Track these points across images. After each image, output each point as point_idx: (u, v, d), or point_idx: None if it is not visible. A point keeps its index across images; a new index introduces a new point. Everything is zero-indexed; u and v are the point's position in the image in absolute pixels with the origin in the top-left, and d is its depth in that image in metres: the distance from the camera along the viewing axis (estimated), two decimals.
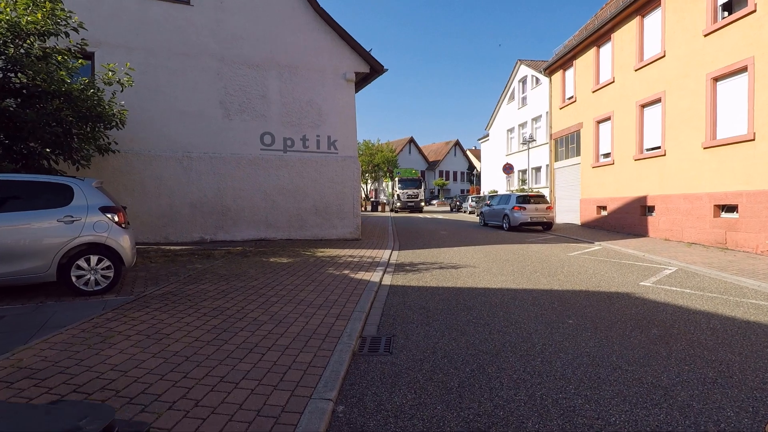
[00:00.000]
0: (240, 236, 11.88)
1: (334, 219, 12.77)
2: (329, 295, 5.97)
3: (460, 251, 10.98)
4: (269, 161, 12.13)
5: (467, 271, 8.18)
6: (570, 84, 19.05)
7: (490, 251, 10.94)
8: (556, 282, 7.14)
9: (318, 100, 12.60)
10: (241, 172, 11.89)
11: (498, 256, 10.00)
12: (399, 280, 7.39)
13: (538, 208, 16.88)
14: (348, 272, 7.65)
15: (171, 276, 6.97)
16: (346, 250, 10.52)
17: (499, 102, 36.48)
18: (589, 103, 17.31)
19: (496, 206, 18.69)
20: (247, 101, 11.97)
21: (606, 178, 16.16)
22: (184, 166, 11.41)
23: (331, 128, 12.73)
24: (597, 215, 16.81)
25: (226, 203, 11.77)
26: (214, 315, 4.85)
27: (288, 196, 12.31)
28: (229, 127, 11.82)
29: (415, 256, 10.13)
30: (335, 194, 12.75)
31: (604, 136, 16.49)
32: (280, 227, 12.28)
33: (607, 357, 3.87)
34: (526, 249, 11.40)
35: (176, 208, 11.34)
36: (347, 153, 12.87)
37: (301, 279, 6.96)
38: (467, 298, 6.08)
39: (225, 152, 11.77)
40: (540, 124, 29.77)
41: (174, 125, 11.33)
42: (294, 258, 9.10)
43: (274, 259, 8.86)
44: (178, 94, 11.36)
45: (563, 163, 19.85)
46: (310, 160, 12.50)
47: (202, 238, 11.55)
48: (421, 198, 36.66)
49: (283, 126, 12.29)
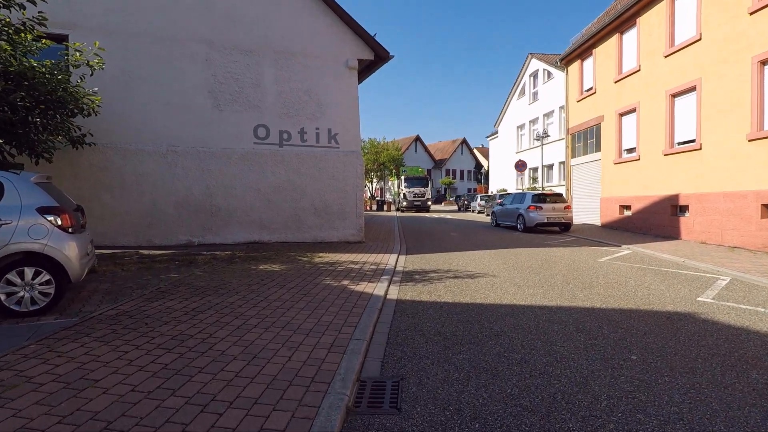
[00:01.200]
0: (231, 239, 10.81)
1: (334, 220, 11.66)
2: (323, 314, 4.86)
3: (475, 256, 9.83)
4: (263, 156, 11.04)
5: (487, 281, 7.03)
6: (589, 75, 17.79)
7: (508, 256, 9.78)
8: (596, 297, 5.97)
9: (317, 90, 11.49)
10: (233, 168, 10.81)
11: (518, 262, 8.84)
12: (407, 293, 6.26)
13: (555, 208, 15.69)
14: (348, 283, 6.54)
15: (137, 289, 5.89)
16: (348, 255, 9.41)
17: (509, 98, 35.22)
18: (610, 94, 16.05)
19: (510, 206, 17.50)
20: (239, 90, 10.89)
21: (630, 175, 14.91)
22: (169, 162, 10.35)
23: (332, 120, 11.62)
24: (620, 215, 15.56)
25: (216, 202, 10.70)
26: (170, 347, 3.75)
27: (284, 194, 11.22)
28: (219, 119, 10.74)
29: (425, 262, 9.00)
30: (336, 192, 11.64)
31: (628, 129, 15.23)
32: (276, 229, 11.19)
33: (709, 423, 2.72)
34: (548, 253, 10.22)
35: (160, 208, 10.28)
36: (349, 147, 11.75)
37: (292, 292, 5.86)
38: (492, 319, 4.94)
39: (214, 146, 10.69)
40: (552, 119, 28.51)
41: (157, 116, 10.27)
42: (287, 265, 8.00)
43: (265, 267, 7.77)
44: (162, 82, 10.30)
45: (581, 159, 18.60)
46: (309, 155, 11.40)
47: (189, 241, 10.48)
48: (428, 197, 35.48)
49: (278, 118, 11.19)
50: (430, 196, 36.54)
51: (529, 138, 31.80)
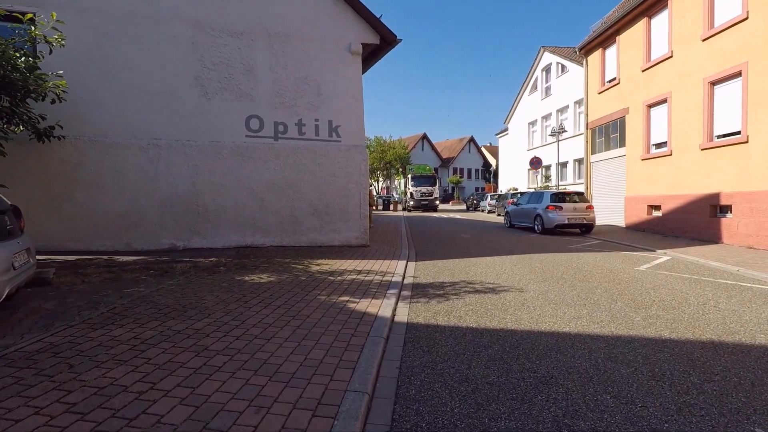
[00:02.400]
0: (220, 242, 9.70)
1: (336, 221, 10.52)
2: (312, 347, 3.72)
3: (494, 263, 8.64)
4: (257, 151, 9.92)
5: (514, 297, 5.85)
6: (612, 64, 16.49)
7: (531, 263, 8.58)
8: (657, 321, 4.77)
9: (317, 77, 10.35)
10: (222, 164, 9.70)
11: (546, 272, 7.64)
12: (420, 313, 5.10)
13: (576, 208, 14.43)
14: (348, 299, 5.40)
15: (86, 310, 4.78)
16: (350, 262, 8.27)
17: (520, 93, 33.88)
18: (636, 84, 14.76)
19: (526, 205, 16.26)
20: (230, 77, 9.77)
21: (660, 172, 13.62)
22: (151, 157, 9.26)
23: (333, 111, 10.47)
24: (648, 216, 14.27)
25: (204, 202, 9.60)
26: (83, 411, 2.62)
27: (280, 193, 10.10)
28: (207, 109, 9.63)
29: (438, 271, 7.83)
30: (338, 191, 10.49)
31: (657, 122, 13.94)
32: (270, 231, 10.07)
33: None
34: (577, 260, 9.01)
35: (140, 208, 9.20)
36: (352, 141, 10.60)
37: (278, 313, 4.73)
38: (534, 355, 3.77)
39: (202, 139, 9.59)
40: (567, 115, 27.16)
41: (138, 106, 9.18)
42: (279, 275, 6.87)
43: (252, 277, 6.64)
44: (142, 68, 9.21)
45: (602, 155, 17.31)
46: (307, 149, 10.27)
47: (173, 245, 9.39)
48: (435, 196, 34.19)
49: (273, 108, 10.07)
50: (438, 196, 35.26)
51: (541, 134, 30.48)
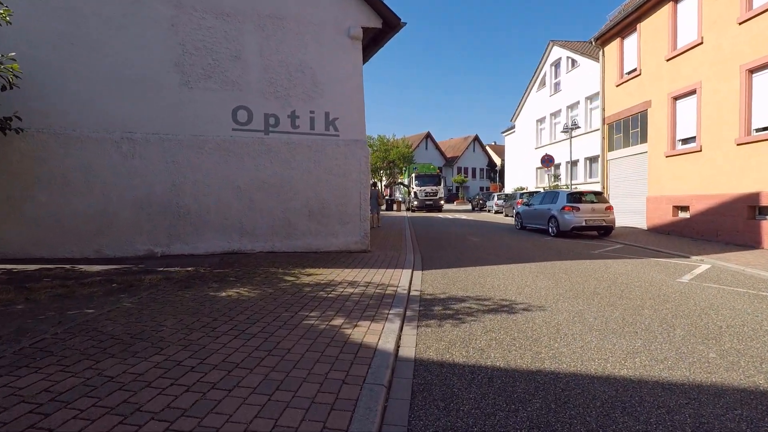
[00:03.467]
0: (204, 248, 8.69)
1: (333, 224, 9.49)
2: (287, 406, 2.69)
3: (512, 272, 7.59)
4: (245, 145, 8.91)
5: (544, 320, 4.80)
6: (632, 54, 15.37)
7: (555, 273, 7.52)
8: (743, 361, 3.69)
9: (312, 64, 9.32)
10: (206, 160, 8.69)
11: (576, 284, 6.59)
12: (430, 344, 4.06)
13: (594, 209, 13.36)
14: (341, 323, 4.37)
15: (7, 341, 3.77)
16: (347, 271, 7.24)
17: (528, 89, 32.74)
18: (660, 74, 13.65)
19: (539, 206, 15.19)
20: (215, 64, 8.76)
21: (688, 170, 12.52)
22: (124, 152, 8.26)
23: (331, 102, 9.44)
24: (673, 217, 13.17)
25: (185, 203, 8.59)
26: None
27: (271, 192, 9.08)
28: (189, 99, 8.62)
29: (448, 282, 6.79)
30: (335, 190, 9.46)
31: (684, 115, 12.83)
32: (260, 235, 9.05)
33: None
34: (605, 269, 7.94)
35: (112, 210, 8.20)
36: (352, 135, 9.57)
37: (251, 346, 3.70)
38: (593, 418, 2.71)
39: (183, 133, 8.58)
40: (577, 111, 26.01)
41: (110, 95, 8.18)
42: (264, 288, 5.85)
43: (231, 293, 5.62)
44: (116, 52, 8.21)
45: (620, 152, 16.20)
46: (302, 144, 9.24)
47: (150, 252, 8.39)
48: (440, 196, 33.14)
49: (264, 98, 9.05)
50: (443, 195, 34.20)
51: (550, 132, 29.36)
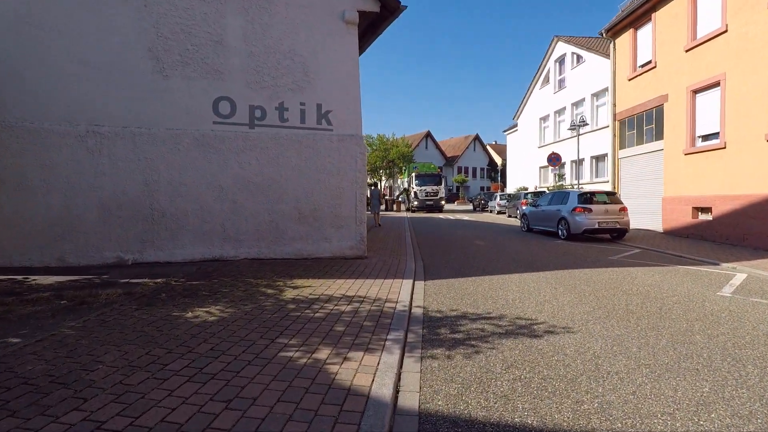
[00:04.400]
0: (181, 255, 7.80)
1: (326, 228, 8.60)
2: None
3: (527, 283, 6.70)
4: (227, 140, 8.02)
5: (577, 349, 3.91)
6: (646, 45, 14.49)
7: (575, 283, 6.64)
8: None
9: (303, 51, 8.44)
10: (183, 157, 7.81)
11: (602, 298, 5.70)
12: (438, 388, 3.17)
13: (608, 210, 12.48)
14: (326, 355, 3.48)
15: None
16: (340, 282, 6.35)
17: (531, 87, 31.85)
18: (678, 66, 12.77)
19: (547, 207, 14.30)
20: (193, 49, 7.87)
21: (709, 169, 11.64)
22: (90, 147, 7.37)
23: (323, 93, 8.56)
24: (692, 220, 12.29)
25: (160, 204, 7.70)
26: None
27: (256, 193, 8.20)
28: (164, 88, 7.73)
29: (455, 295, 5.90)
30: (329, 191, 8.58)
31: (705, 109, 11.95)
32: (245, 240, 8.16)
33: None
34: (630, 279, 7.06)
35: (77, 213, 7.31)
36: (346, 130, 8.69)
37: (208, 390, 2.81)
38: None
39: (157, 126, 7.69)
40: (583, 108, 25.14)
41: (74, 83, 7.30)
42: (239, 305, 4.96)
43: (199, 312, 4.72)
44: (80, 35, 7.33)
45: (633, 150, 15.32)
46: (291, 139, 8.36)
47: (120, 259, 7.50)
48: (441, 195, 32.25)
49: (249, 88, 8.16)
50: (444, 195, 33.30)
51: (554, 130, 28.49)
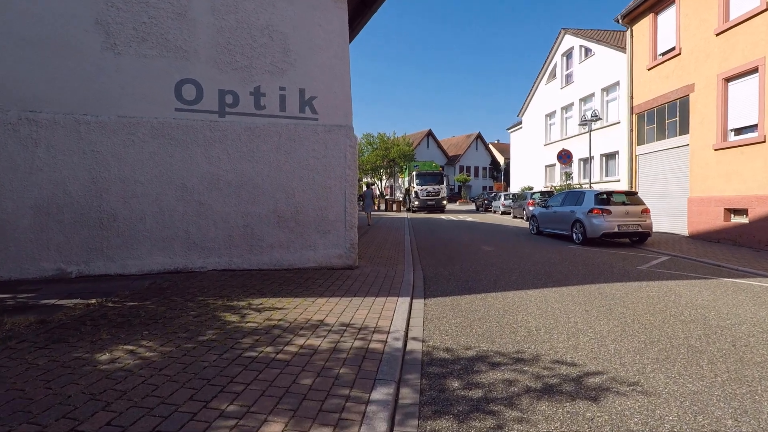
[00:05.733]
0: (136, 266, 6.58)
1: (310, 233, 7.38)
2: None
3: (547, 302, 5.47)
4: (193, 131, 6.81)
5: (641, 417, 2.66)
6: (668, 31, 13.24)
7: (610, 305, 5.40)
8: None
9: (283, 27, 7.23)
10: (139, 150, 6.59)
11: (652, 330, 4.46)
12: None
13: (629, 212, 11.25)
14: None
15: None
16: (321, 302, 5.11)
17: (536, 82, 30.61)
18: (707, 52, 11.52)
19: (559, 208, 13.06)
20: (151, 23, 6.66)
21: (745, 165, 10.39)
22: (23, 138, 6.16)
23: (307, 76, 7.34)
24: (724, 222, 11.04)
25: (110, 206, 6.49)
26: None
27: (228, 193, 6.98)
28: (116, 68, 6.52)
29: (462, 322, 4.68)
30: (313, 190, 7.36)
31: (740, 99, 10.69)
32: (214, 249, 6.94)
33: None
34: (676, 298, 5.82)
35: (6, 217, 6.09)
36: (335, 119, 7.46)
37: None
38: None
39: (106, 113, 6.47)
40: (592, 104, 23.89)
41: (4, 61, 6.09)
42: (179, 340, 3.73)
43: (117, 353, 3.50)
44: (12, 4, 6.11)
45: (652, 146, 14.07)
46: (269, 129, 7.14)
47: (62, 271, 6.28)
48: (443, 196, 31.02)
49: (218, 69, 6.94)
50: (446, 195, 32.07)
51: (561, 127, 27.24)
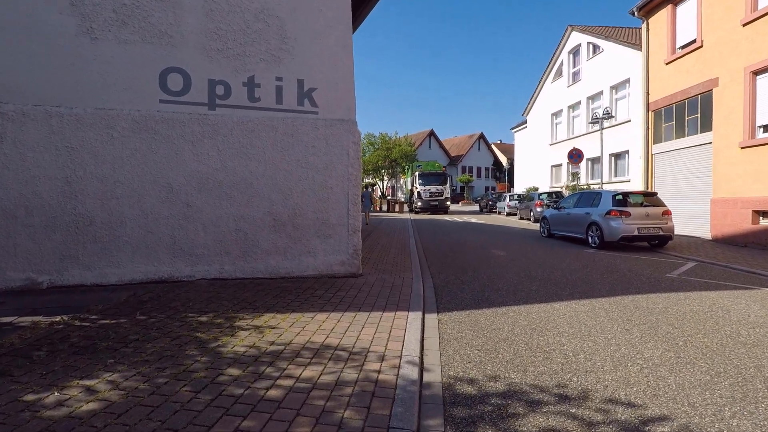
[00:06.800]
0: (116, 275, 5.92)
1: (309, 238, 6.71)
2: None
3: (578, 318, 4.79)
4: (179, 125, 6.14)
5: None
6: (688, 22, 12.56)
7: (652, 322, 4.72)
8: None
9: (280, 11, 6.56)
10: (119, 147, 5.93)
11: (712, 355, 3.78)
12: None
13: (649, 214, 10.59)
14: None
15: None
16: (320, 318, 4.44)
17: (542, 81, 29.95)
18: (733, 44, 10.84)
19: (573, 210, 12.39)
20: (133, 5, 6.00)
21: None
22: None
23: (306, 65, 6.68)
24: (753, 225, 10.35)
25: (86, 209, 5.82)
26: None
27: (219, 194, 6.31)
28: (93, 55, 5.86)
29: (486, 346, 4.00)
30: (313, 191, 6.69)
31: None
32: (203, 255, 6.27)
33: None
34: (724, 313, 5.13)
35: None
36: (336, 113, 6.80)
37: None
38: None
39: (82, 105, 5.82)
40: (600, 102, 23.21)
41: None
42: (150, 374, 3.06)
43: (69, 392, 2.83)
44: None
45: (670, 144, 13.39)
46: (264, 124, 6.48)
47: (32, 282, 5.62)
48: (446, 196, 30.33)
49: (207, 57, 6.28)
50: (449, 196, 31.38)
51: (567, 126, 26.58)
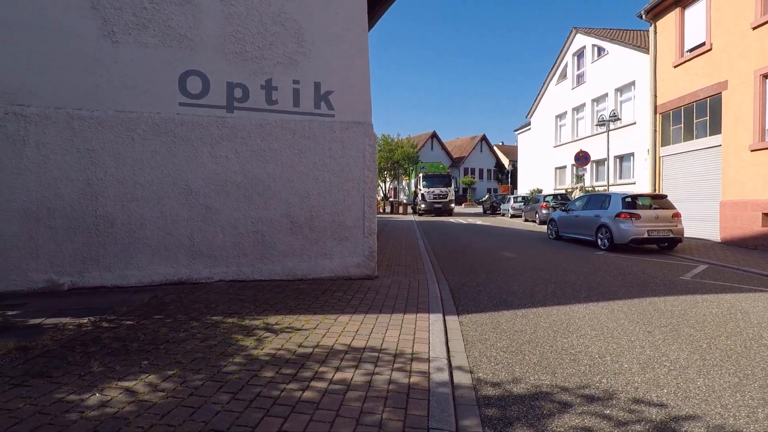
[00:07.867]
0: (136, 277, 5.95)
1: (326, 240, 6.74)
2: None
3: (599, 320, 4.81)
4: (198, 128, 6.18)
5: None
6: (697, 25, 12.59)
7: (674, 325, 4.74)
8: None
9: (297, 15, 6.61)
10: (139, 149, 5.96)
11: (737, 358, 3.79)
12: None
13: (659, 216, 10.60)
14: None
15: None
16: (343, 320, 4.46)
17: (546, 83, 30.00)
18: (742, 47, 10.86)
19: (582, 212, 12.41)
20: (153, 9, 6.04)
21: None
22: (11, 134, 5.54)
23: (323, 69, 6.71)
24: (763, 228, 10.36)
25: (106, 211, 5.86)
26: None
27: (237, 196, 6.35)
28: (113, 58, 5.90)
29: (511, 348, 4.02)
30: (330, 193, 6.72)
31: None
32: (221, 257, 6.30)
33: None
34: (744, 316, 5.14)
35: None
36: (353, 116, 6.83)
37: None
38: None
39: (103, 108, 5.86)
40: (605, 104, 23.26)
41: None
42: (186, 375, 3.08)
43: (109, 393, 2.85)
44: None
45: (679, 147, 13.41)
46: (281, 126, 6.51)
47: (53, 283, 5.66)
48: (450, 198, 30.31)
49: (226, 60, 6.32)
50: (453, 197, 31.36)
51: (572, 128, 26.62)
